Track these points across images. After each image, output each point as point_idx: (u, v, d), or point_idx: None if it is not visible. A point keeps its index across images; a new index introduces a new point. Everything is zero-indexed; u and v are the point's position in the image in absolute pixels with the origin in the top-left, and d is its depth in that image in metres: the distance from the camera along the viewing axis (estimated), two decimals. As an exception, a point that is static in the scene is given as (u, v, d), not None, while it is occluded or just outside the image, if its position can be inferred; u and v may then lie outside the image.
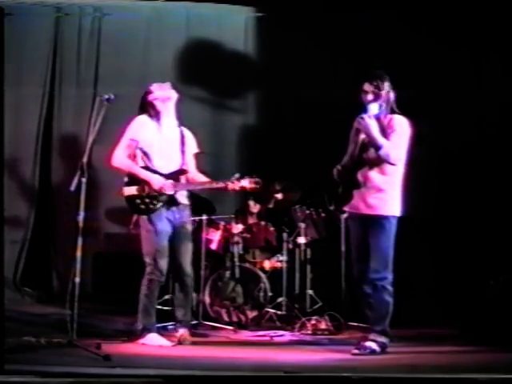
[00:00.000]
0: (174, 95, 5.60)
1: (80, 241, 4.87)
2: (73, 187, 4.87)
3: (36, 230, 7.83)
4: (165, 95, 5.53)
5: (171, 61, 8.08)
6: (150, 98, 5.54)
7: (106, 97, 5.19)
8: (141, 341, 5.30)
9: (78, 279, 4.85)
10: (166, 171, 5.47)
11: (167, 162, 5.50)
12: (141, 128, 5.48)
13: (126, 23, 8.04)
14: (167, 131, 5.56)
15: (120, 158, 5.46)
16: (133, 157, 5.48)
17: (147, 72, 7.84)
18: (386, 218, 5.07)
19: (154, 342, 5.29)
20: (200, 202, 6.70)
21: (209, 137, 8.00)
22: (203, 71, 8.04)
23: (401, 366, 4.59)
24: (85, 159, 5.00)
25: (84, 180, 4.92)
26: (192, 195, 6.49)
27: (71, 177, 4.98)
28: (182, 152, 5.54)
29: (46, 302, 7.51)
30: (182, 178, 5.59)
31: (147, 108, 5.55)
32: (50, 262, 7.90)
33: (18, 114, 7.86)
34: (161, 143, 5.50)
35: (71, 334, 4.75)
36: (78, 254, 4.86)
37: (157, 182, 5.38)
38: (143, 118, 5.53)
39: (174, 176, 5.49)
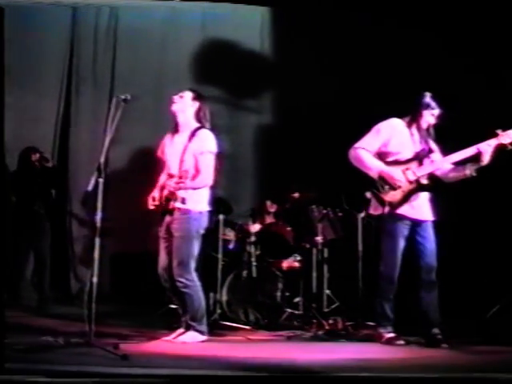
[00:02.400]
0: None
1: (98, 241, 4.89)
2: (90, 187, 4.89)
3: (54, 230, 7.79)
4: None
5: (187, 60, 8.16)
6: None
7: (123, 97, 5.16)
8: (181, 338, 5.35)
9: (95, 279, 4.85)
10: None
11: None
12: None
13: (141, 23, 8.10)
14: None
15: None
16: None
17: (163, 72, 7.95)
18: (433, 222, 5.46)
19: (194, 339, 5.36)
20: (217, 202, 6.65)
21: (225, 137, 7.99)
22: (219, 71, 8.12)
23: (412, 367, 4.58)
24: (102, 159, 5.00)
25: (101, 180, 4.92)
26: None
27: (88, 177, 5.00)
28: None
29: (63, 303, 7.58)
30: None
31: None
32: (67, 262, 7.99)
33: (35, 115, 7.97)
34: None
35: (89, 334, 4.76)
36: (96, 254, 4.88)
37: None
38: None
39: None
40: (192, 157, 5.35)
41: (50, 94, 8.04)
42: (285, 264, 6.78)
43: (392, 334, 5.45)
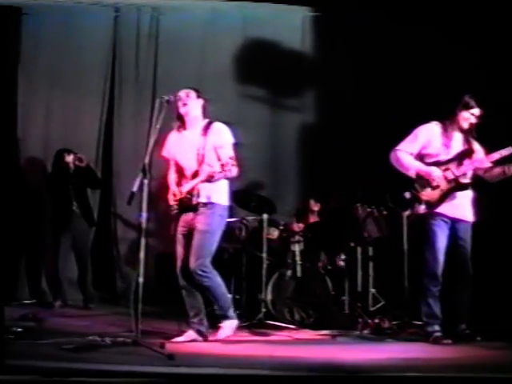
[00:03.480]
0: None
1: (143, 241, 4.93)
2: (135, 188, 4.92)
3: (99, 231, 8.00)
4: None
5: (228, 60, 8.17)
6: None
7: (167, 98, 5.22)
8: (221, 333, 5.41)
9: (141, 279, 4.87)
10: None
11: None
12: None
13: (182, 23, 8.13)
14: None
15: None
16: None
17: (204, 72, 7.95)
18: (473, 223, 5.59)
19: (231, 328, 5.45)
20: (260, 202, 6.82)
21: (267, 136, 8.13)
22: (260, 70, 8.13)
23: (460, 366, 4.55)
24: (146, 160, 5.03)
25: (146, 181, 4.96)
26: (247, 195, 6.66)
27: (133, 178, 5.03)
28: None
29: (109, 302, 7.70)
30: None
31: None
32: (113, 262, 8.08)
33: (78, 117, 8.06)
34: None
35: (136, 333, 4.81)
36: (142, 254, 4.92)
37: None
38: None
39: None
40: (213, 151, 5.36)
41: (92, 96, 8.12)
42: (329, 263, 6.79)
43: (439, 333, 5.44)
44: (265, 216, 6.68)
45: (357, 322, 6.20)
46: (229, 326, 5.43)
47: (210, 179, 5.24)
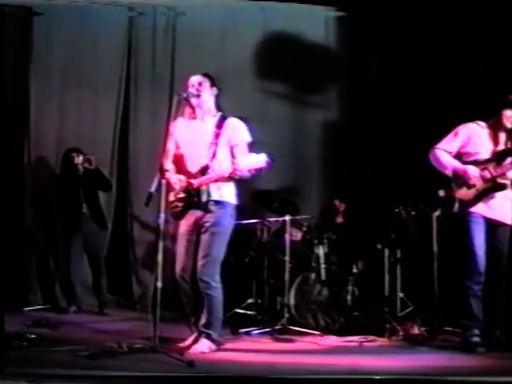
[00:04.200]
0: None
1: (161, 244, 4.90)
2: (153, 189, 4.89)
3: (115, 234, 8.01)
4: None
5: (248, 55, 8.14)
6: None
7: (185, 95, 5.21)
8: (195, 348, 5.18)
9: (159, 284, 4.85)
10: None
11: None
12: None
13: (201, 17, 8.09)
14: None
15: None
16: None
17: (224, 67, 7.90)
18: None
19: (207, 349, 5.17)
20: (283, 202, 6.78)
21: (289, 133, 8.10)
22: (282, 65, 8.07)
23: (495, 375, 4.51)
24: (164, 159, 5.04)
25: (164, 181, 4.95)
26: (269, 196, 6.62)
27: (150, 178, 5.03)
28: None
29: (126, 307, 7.72)
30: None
31: None
32: (129, 266, 8.07)
33: (92, 115, 8.08)
34: None
35: (154, 339, 4.80)
36: (160, 257, 4.90)
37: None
38: None
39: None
40: (226, 147, 5.26)
41: (107, 93, 8.12)
42: (355, 266, 6.76)
43: (477, 338, 5.43)
44: (287, 217, 6.66)
45: (384, 327, 6.18)
46: (205, 345, 5.16)
47: (222, 179, 5.15)
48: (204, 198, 5.19)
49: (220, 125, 5.28)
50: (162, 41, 8.23)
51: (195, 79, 5.33)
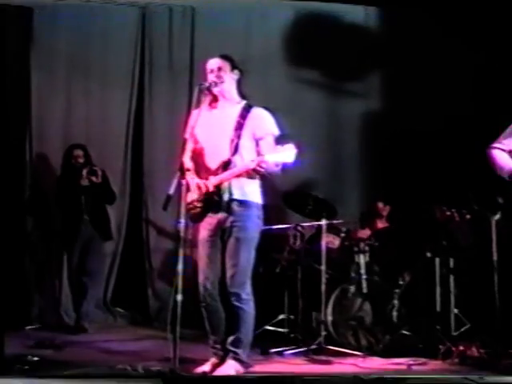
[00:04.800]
0: None
1: (181, 252, 4.81)
2: (171, 190, 4.80)
3: (128, 241, 7.99)
4: None
5: (277, 39, 8.12)
6: None
7: (207, 84, 5.15)
8: (220, 370, 5.11)
9: (180, 297, 4.78)
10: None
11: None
12: None
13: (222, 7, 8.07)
14: None
15: None
16: None
17: (249, 52, 7.90)
18: None
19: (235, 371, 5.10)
20: (318, 205, 6.72)
21: (323, 126, 8.07)
22: (315, 50, 8.02)
23: None
24: (184, 157, 4.97)
25: (184, 182, 4.88)
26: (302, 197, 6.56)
27: (168, 178, 4.94)
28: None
29: (141, 324, 7.70)
30: None
31: None
32: (145, 277, 8.03)
33: (102, 109, 8.10)
34: None
35: (174, 361, 4.71)
36: (180, 267, 4.80)
37: None
38: None
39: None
40: (250, 141, 5.16)
41: (118, 84, 8.12)
42: (401, 277, 6.67)
43: None
44: (323, 221, 6.60)
45: (437, 348, 6.07)
46: (232, 367, 5.09)
47: (245, 175, 5.06)
48: (225, 197, 5.11)
49: (244, 115, 5.20)
50: (180, 21, 8.20)
51: (213, 63, 5.28)
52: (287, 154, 4.83)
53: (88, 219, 7.34)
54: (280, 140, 5.14)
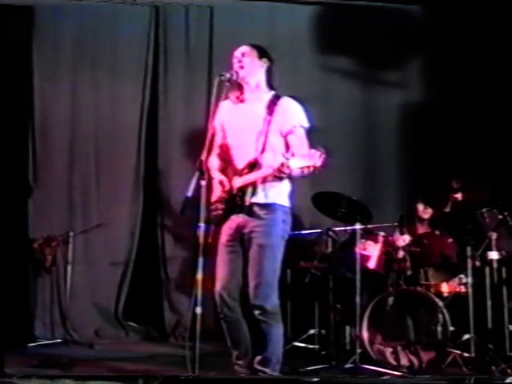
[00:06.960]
0: None
1: (201, 260, 4.75)
2: (190, 193, 4.76)
3: (142, 248, 7.94)
4: None
5: (306, 24, 8.12)
6: None
7: (228, 75, 5.09)
8: None
9: (199, 309, 4.74)
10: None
11: None
12: None
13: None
14: None
15: None
16: None
17: (275, 38, 7.86)
18: None
19: None
20: (352, 208, 6.67)
21: (357, 119, 8.09)
22: (348, 36, 8.03)
23: None
24: (204, 156, 4.89)
25: (204, 183, 4.82)
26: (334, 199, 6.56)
27: (186, 179, 4.92)
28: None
29: (156, 340, 7.71)
30: None
31: None
32: (160, 288, 7.99)
33: (113, 103, 8.08)
34: None
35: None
36: (199, 276, 4.75)
37: None
38: None
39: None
40: (278, 135, 5.09)
41: (130, 76, 8.12)
42: (446, 288, 6.62)
43: None
44: (357, 226, 6.56)
45: (489, 369, 5.96)
46: None
47: (274, 177, 4.97)
48: (248, 200, 5.05)
49: (271, 107, 5.13)
50: (197, 10, 8.18)
51: (239, 50, 5.22)
52: (315, 158, 4.70)
53: None
54: (309, 134, 5.09)
